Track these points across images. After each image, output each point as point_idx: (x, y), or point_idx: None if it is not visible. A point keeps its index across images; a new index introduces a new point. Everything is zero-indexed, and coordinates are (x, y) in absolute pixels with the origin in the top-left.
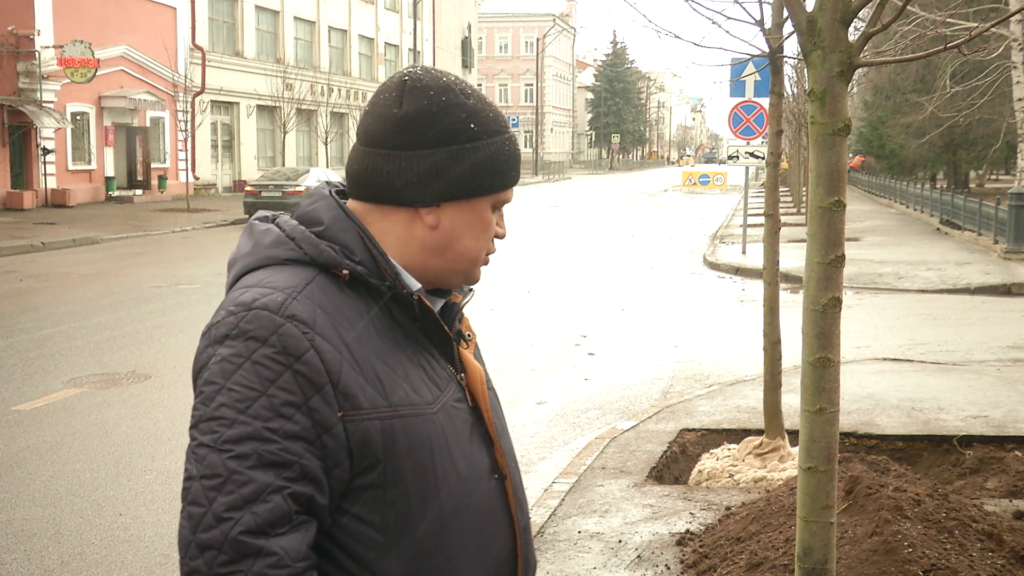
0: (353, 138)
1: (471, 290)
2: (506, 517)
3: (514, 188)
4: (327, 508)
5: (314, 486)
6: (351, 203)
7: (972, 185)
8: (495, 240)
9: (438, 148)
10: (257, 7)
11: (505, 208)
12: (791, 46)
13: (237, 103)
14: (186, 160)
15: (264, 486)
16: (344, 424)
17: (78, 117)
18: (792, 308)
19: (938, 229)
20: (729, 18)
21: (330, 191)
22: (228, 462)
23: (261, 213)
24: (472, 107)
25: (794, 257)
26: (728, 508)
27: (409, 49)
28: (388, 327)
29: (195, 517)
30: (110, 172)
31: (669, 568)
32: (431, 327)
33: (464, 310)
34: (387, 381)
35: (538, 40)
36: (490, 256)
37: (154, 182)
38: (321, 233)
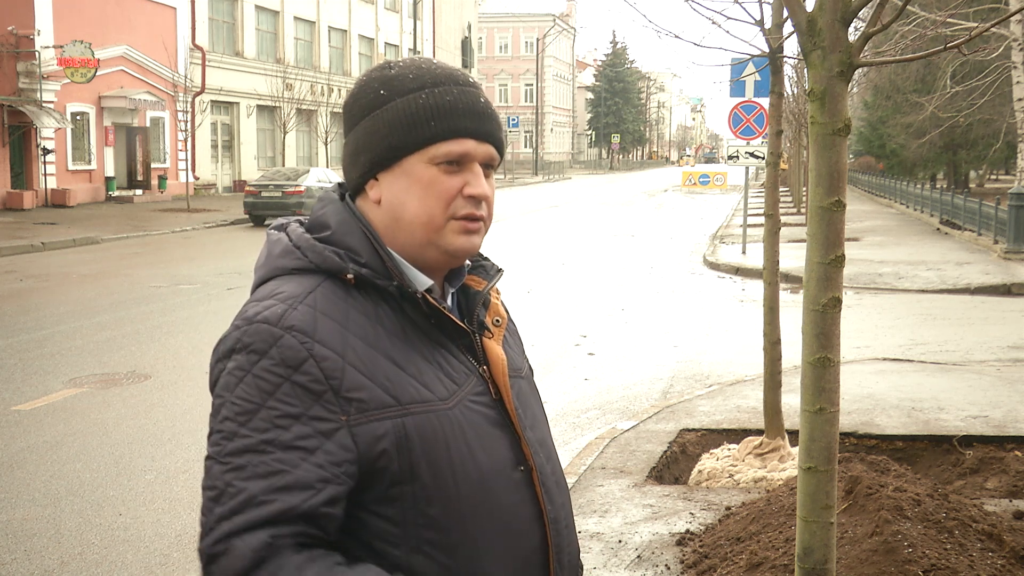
0: None
1: (499, 271)
2: (534, 509)
3: (466, 140)
4: (330, 514)
5: (308, 494)
6: None
7: (972, 185)
8: (472, 199)
9: (358, 124)
10: (257, 7)
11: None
12: (791, 46)
13: (237, 103)
14: (186, 160)
15: (253, 496)
16: (350, 428)
17: (78, 117)
18: (792, 308)
19: (938, 229)
20: (729, 18)
21: (341, 194)
22: (226, 475)
23: (277, 222)
24: (389, 76)
25: (794, 257)
26: (728, 508)
27: (409, 49)
28: (399, 326)
29: (202, 527)
30: (110, 172)
31: (669, 568)
32: (445, 322)
33: (496, 295)
34: (397, 381)
35: (538, 40)
36: (472, 217)
37: (154, 182)
38: (328, 238)
